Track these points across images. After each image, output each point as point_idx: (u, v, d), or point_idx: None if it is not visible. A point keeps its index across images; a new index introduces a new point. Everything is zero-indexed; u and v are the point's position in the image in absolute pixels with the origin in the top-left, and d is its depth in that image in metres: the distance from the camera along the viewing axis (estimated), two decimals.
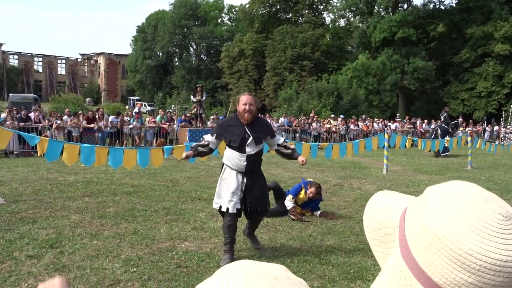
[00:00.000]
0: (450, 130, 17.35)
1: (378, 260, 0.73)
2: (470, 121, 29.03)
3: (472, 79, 35.06)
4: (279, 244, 5.17)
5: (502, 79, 33.74)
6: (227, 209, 4.42)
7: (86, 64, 67.91)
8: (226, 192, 4.45)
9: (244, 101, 4.47)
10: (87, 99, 50.98)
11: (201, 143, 4.67)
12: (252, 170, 4.53)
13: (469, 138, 14.34)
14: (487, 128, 28.50)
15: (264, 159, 15.48)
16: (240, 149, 4.42)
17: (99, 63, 66.53)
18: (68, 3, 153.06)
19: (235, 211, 4.44)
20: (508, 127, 28.87)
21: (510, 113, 29.27)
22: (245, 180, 4.48)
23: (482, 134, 26.81)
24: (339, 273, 4.30)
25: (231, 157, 4.46)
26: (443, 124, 17.56)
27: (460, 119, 28.39)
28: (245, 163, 4.42)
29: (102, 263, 4.33)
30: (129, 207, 6.77)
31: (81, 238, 5.11)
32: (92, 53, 67.67)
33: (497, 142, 21.02)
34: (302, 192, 6.63)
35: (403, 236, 0.66)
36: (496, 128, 28.94)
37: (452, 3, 40.40)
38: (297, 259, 4.67)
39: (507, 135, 27.43)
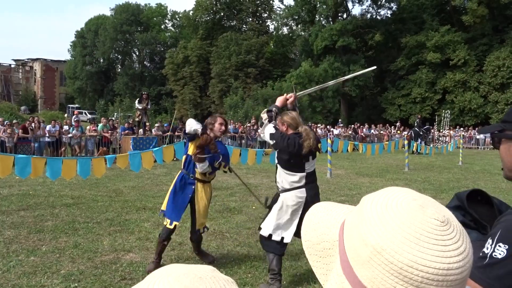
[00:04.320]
0: (421, 133, 20.94)
1: (318, 276, 0.71)
2: (405, 128, 30.46)
3: (407, 86, 36.96)
4: (227, 250, 5.15)
5: (435, 85, 35.89)
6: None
7: (20, 71, 64.17)
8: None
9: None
10: (22, 108, 48.32)
11: None
12: None
13: (405, 142, 15.09)
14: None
15: None
16: None
17: (35, 70, 63.18)
18: None
19: None
20: (441, 130, 30.65)
21: (442, 118, 31.13)
22: None
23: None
24: (286, 277, 4.35)
25: None
26: (415, 128, 21.59)
27: (398, 124, 29.96)
28: None
29: (40, 280, 4.10)
30: (69, 219, 6.47)
31: (17, 255, 4.81)
32: (27, 59, 64.17)
33: (431, 145, 22.25)
34: None
35: (343, 252, 0.64)
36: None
37: (388, 13, 42.31)
38: (244, 265, 4.67)
39: (440, 138, 29.09)
